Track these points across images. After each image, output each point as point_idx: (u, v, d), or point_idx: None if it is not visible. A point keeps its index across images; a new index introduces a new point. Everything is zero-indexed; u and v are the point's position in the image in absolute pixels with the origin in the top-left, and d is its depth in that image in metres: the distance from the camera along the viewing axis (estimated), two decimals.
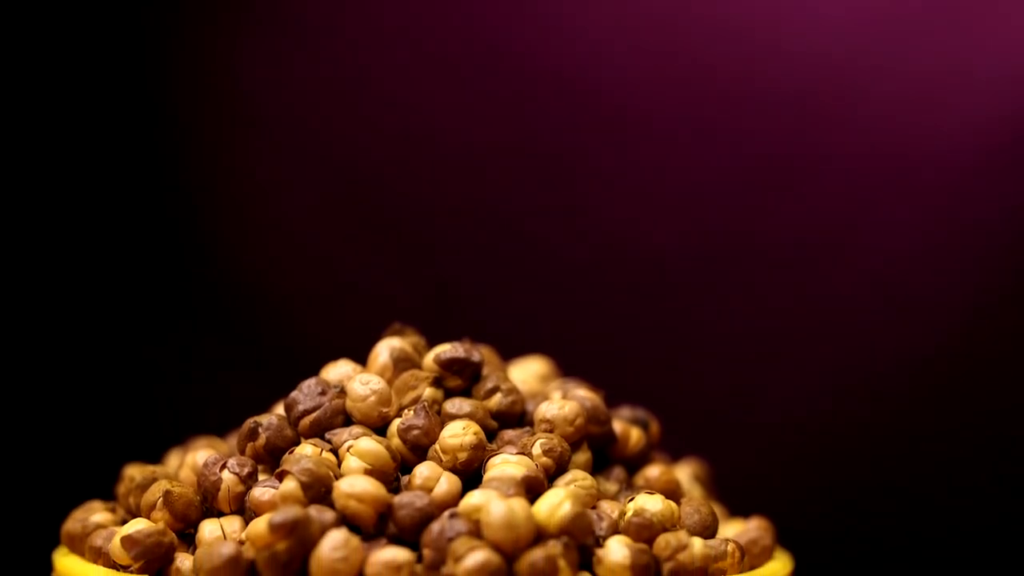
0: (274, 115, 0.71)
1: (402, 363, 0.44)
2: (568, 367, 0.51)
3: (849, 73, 0.66)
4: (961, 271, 0.66)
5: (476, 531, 0.38)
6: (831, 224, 0.67)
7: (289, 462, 0.41)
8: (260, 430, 0.43)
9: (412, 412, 0.42)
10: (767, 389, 0.68)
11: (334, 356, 0.45)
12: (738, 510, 0.48)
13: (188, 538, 0.42)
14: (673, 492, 0.43)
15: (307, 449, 0.42)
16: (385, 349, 0.44)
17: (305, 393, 0.43)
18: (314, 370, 0.45)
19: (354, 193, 0.71)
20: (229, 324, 0.71)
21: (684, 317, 0.69)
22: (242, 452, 0.43)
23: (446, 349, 0.44)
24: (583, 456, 0.43)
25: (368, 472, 0.40)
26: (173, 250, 0.72)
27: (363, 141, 0.70)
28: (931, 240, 0.66)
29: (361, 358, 0.45)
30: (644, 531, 0.40)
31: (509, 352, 0.49)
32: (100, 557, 0.42)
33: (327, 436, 0.43)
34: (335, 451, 0.42)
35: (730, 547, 0.42)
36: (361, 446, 0.41)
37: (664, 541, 0.40)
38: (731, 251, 0.68)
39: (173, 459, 0.47)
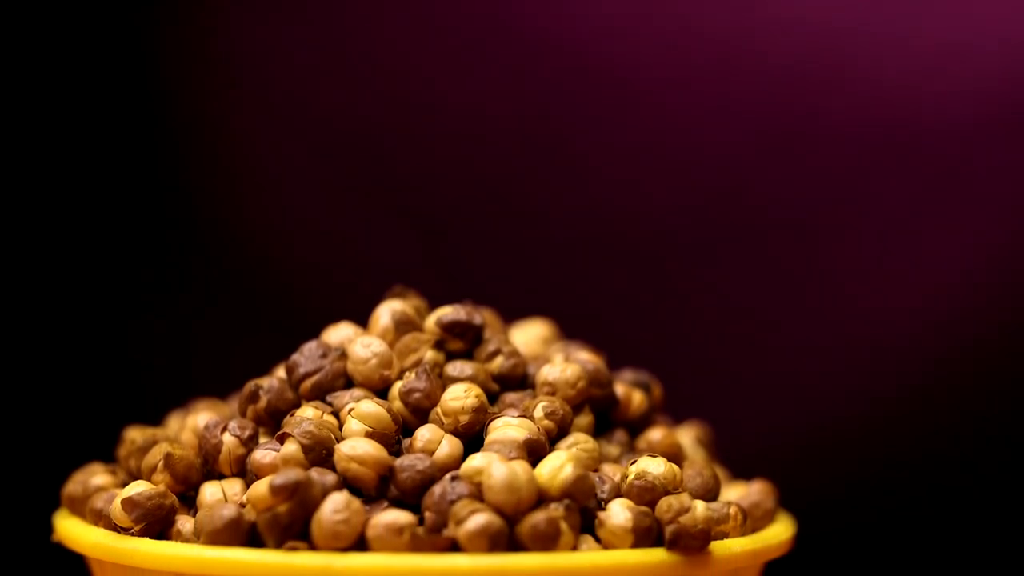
0: (273, 81, 0.71)
1: (403, 326, 0.44)
2: (570, 330, 0.51)
3: (849, 40, 0.66)
4: (964, 236, 0.66)
5: (478, 494, 0.38)
6: (832, 190, 0.67)
7: (290, 425, 0.41)
8: (261, 393, 0.43)
9: (413, 375, 0.42)
10: (769, 353, 0.68)
11: (335, 319, 0.45)
12: (740, 473, 0.48)
13: (189, 500, 0.42)
14: (675, 455, 0.43)
15: (308, 412, 0.42)
16: (386, 312, 0.44)
17: (306, 356, 0.43)
18: (315, 333, 0.45)
19: (354, 157, 0.70)
20: (230, 287, 0.71)
21: (686, 280, 0.69)
22: (243, 415, 0.43)
23: (448, 312, 0.44)
24: (585, 419, 0.43)
25: (369, 435, 0.40)
26: (175, 213, 0.72)
27: (363, 106, 0.70)
28: (933, 206, 0.66)
29: (362, 321, 0.45)
30: (646, 494, 0.40)
31: (510, 315, 0.49)
32: (101, 519, 0.42)
33: (328, 399, 0.42)
34: (336, 414, 0.42)
35: (732, 510, 0.42)
36: (362, 409, 0.41)
37: (666, 504, 0.40)
38: (731, 216, 0.68)
39: (174, 422, 0.47)
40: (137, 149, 0.71)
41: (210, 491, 0.41)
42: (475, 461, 0.39)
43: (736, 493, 0.44)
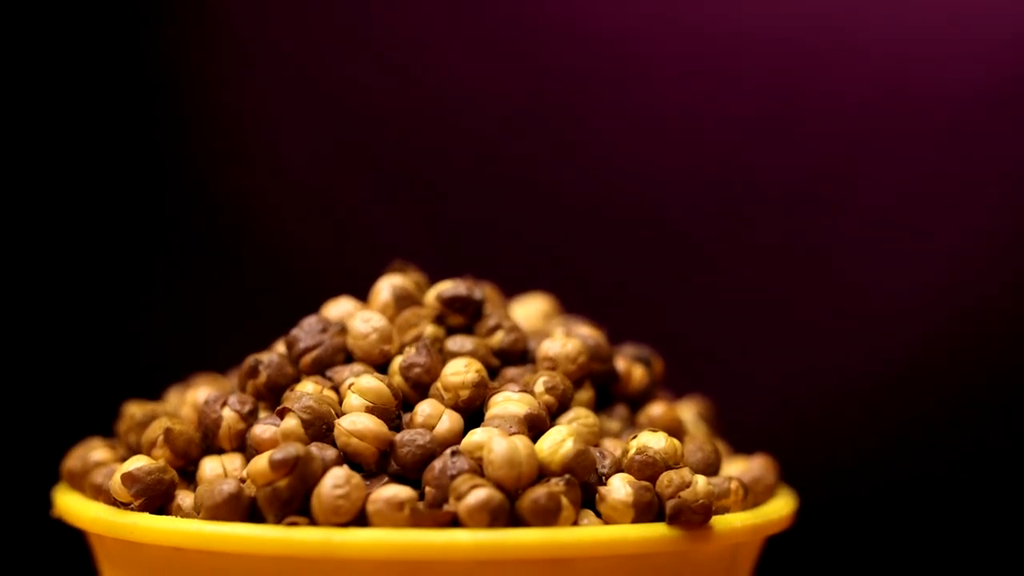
0: (275, 57, 0.71)
1: (403, 300, 0.44)
2: (570, 305, 0.50)
3: (853, 14, 0.66)
4: (966, 211, 0.66)
5: (478, 469, 0.38)
6: (835, 163, 0.67)
7: (290, 399, 0.40)
8: (261, 367, 0.43)
9: (414, 349, 0.42)
10: (771, 328, 0.68)
11: (335, 293, 0.45)
12: (742, 449, 0.48)
13: (189, 475, 0.42)
14: (676, 430, 0.43)
15: (308, 386, 0.41)
16: (386, 287, 0.44)
17: (306, 330, 0.43)
18: (315, 308, 0.45)
19: (355, 132, 0.70)
20: (231, 262, 0.71)
21: (687, 255, 0.69)
22: (243, 389, 0.43)
23: (448, 287, 0.44)
24: (585, 394, 0.43)
25: (369, 410, 0.40)
26: (175, 188, 0.71)
27: (364, 79, 0.70)
28: (936, 180, 0.66)
29: (362, 296, 0.45)
30: (647, 469, 0.40)
31: (511, 290, 0.48)
32: (100, 494, 0.42)
33: (328, 373, 0.42)
34: (336, 388, 0.42)
35: (733, 485, 0.42)
36: (362, 383, 0.41)
37: (667, 479, 0.39)
38: (734, 190, 0.68)
39: (173, 396, 0.47)
40: (139, 128, 0.71)
41: (210, 466, 0.41)
42: (476, 436, 0.39)
43: (737, 468, 0.44)
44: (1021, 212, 0.66)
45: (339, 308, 0.45)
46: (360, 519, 0.38)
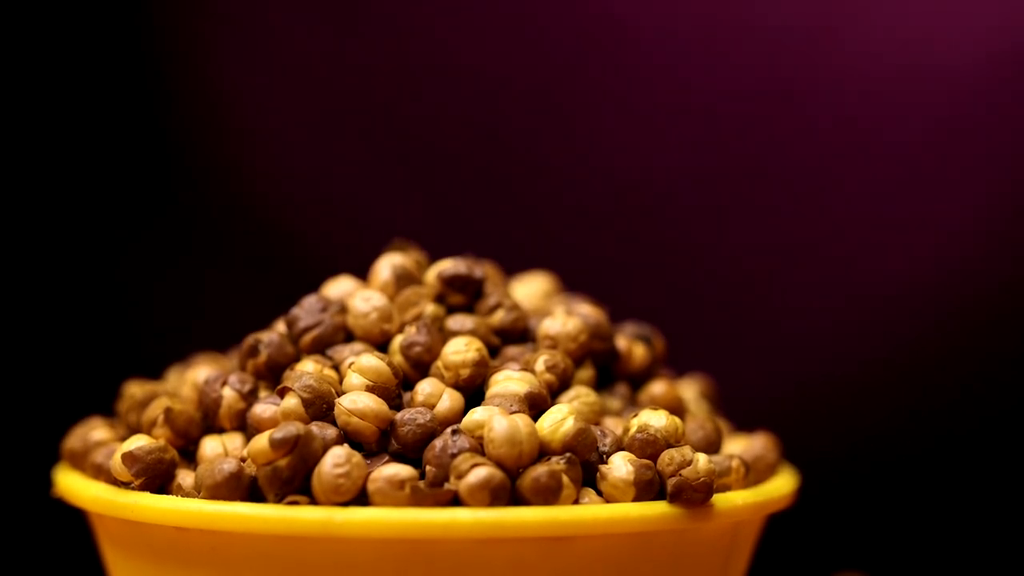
0: (277, 34, 0.70)
1: (404, 279, 0.44)
2: (571, 284, 0.50)
3: None
4: (964, 189, 0.66)
5: (479, 447, 0.38)
6: (834, 145, 0.67)
7: (290, 379, 0.40)
8: (261, 347, 0.43)
9: (414, 328, 0.42)
10: (772, 306, 0.68)
11: (335, 272, 0.45)
12: (743, 427, 0.48)
13: (189, 455, 0.42)
14: (677, 408, 0.43)
15: (308, 366, 0.41)
16: (386, 265, 0.44)
17: (306, 310, 0.43)
18: (315, 287, 0.45)
19: (356, 111, 0.70)
20: (231, 241, 0.71)
21: (688, 235, 0.69)
22: (243, 369, 0.43)
23: (448, 265, 0.44)
24: (586, 372, 0.43)
25: (370, 389, 0.40)
26: (175, 167, 0.71)
27: (365, 58, 0.70)
28: (939, 159, 0.66)
29: (362, 274, 0.45)
30: (648, 447, 0.40)
31: (511, 268, 0.48)
32: (101, 474, 0.42)
33: (328, 353, 0.42)
34: (336, 368, 0.42)
35: (735, 463, 0.42)
36: (363, 363, 0.41)
37: (668, 457, 0.39)
38: (734, 171, 0.68)
39: (174, 376, 0.47)
40: (138, 106, 0.71)
41: (210, 445, 0.41)
42: (476, 415, 0.39)
43: (739, 446, 0.44)
44: (1020, 189, 0.66)
45: (339, 287, 0.45)
46: (361, 498, 0.38)
